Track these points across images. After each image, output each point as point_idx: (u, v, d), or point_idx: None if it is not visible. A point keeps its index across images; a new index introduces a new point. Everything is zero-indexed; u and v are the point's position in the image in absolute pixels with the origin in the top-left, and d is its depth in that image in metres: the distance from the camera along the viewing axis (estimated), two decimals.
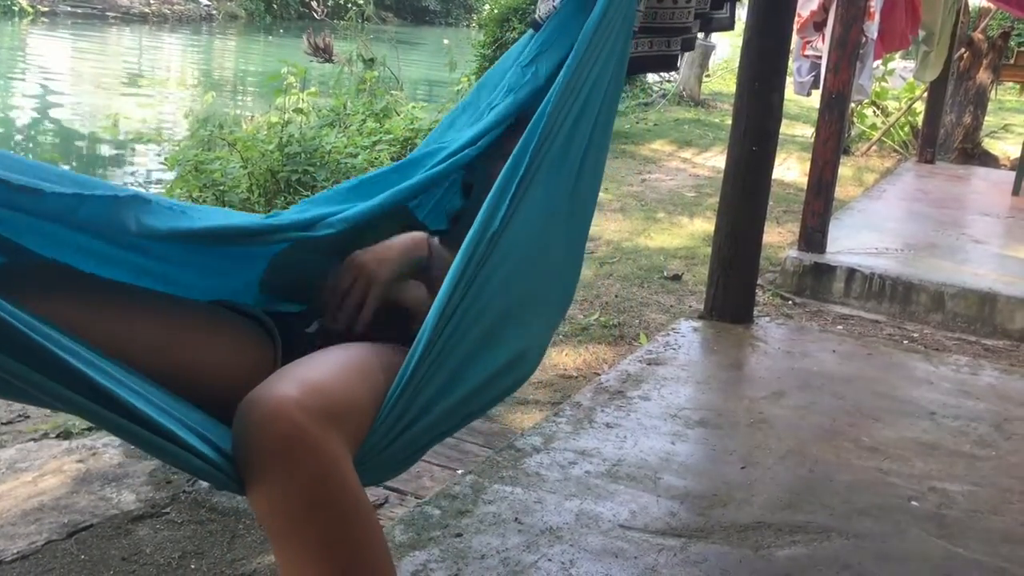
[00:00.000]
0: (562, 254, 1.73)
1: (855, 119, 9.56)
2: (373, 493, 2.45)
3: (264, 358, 1.52)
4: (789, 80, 5.03)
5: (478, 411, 1.68)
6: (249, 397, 1.24)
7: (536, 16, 1.94)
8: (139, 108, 11.93)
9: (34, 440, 2.70)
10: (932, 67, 7.33)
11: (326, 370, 1.35)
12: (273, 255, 1.71)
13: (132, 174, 9.34)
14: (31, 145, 10.36)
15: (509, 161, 1.53)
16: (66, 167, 9.23)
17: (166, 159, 7.67)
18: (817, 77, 5.32)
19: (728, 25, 2.69)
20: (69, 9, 25.30)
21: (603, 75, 1.69)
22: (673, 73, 13.84)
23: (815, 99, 5.11)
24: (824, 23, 5.23)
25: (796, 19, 5.46)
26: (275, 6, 30.81)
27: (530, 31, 1.93)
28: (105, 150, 10.03)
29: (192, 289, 1.62)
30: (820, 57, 5.20)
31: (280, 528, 1.25)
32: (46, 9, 24.62)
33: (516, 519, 2.34)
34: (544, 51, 1.86)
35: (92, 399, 1.12)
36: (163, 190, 7.19)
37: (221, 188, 6.52)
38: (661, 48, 2.44)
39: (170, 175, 7.48)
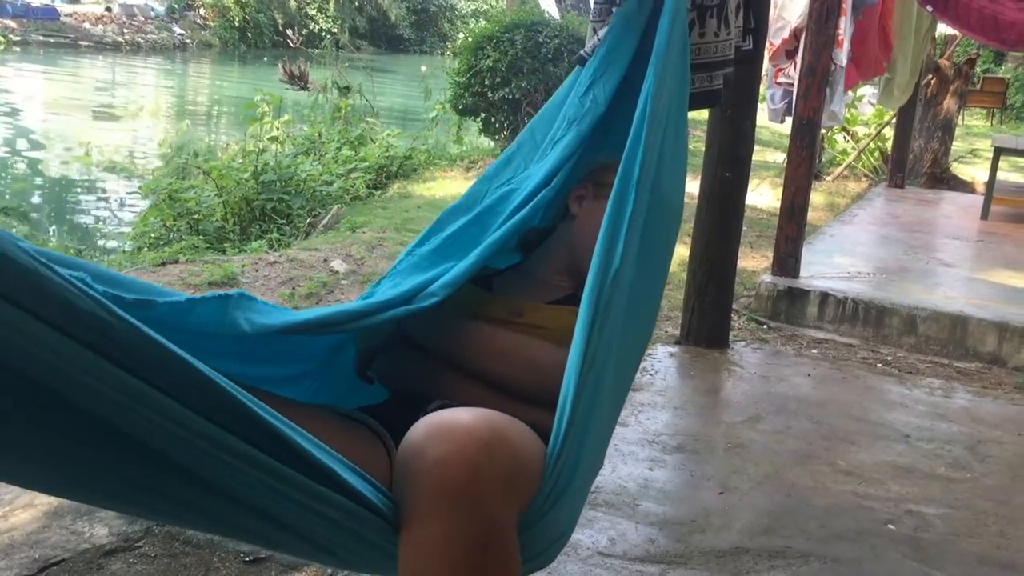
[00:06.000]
0: (655, 289, 1.73)
1: (826, 145, 9.67)
2: None
3: (380, 462, 1.41)
4: (762, 107, 5.08)
5: (601, 463, 1.65)
6: (429, 424, 1.16)
7: (582, 52, 1.97)
8: (113, 137, 11.87)
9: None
10: (901, 92, 7.44)
11: (507, 422, 1.25)
12: (358, 339, 1.70)
13: (105, 202, 9.27)
14: (2, 179, 10.27)
15: (612, 197, 1.51)
16: (37, 192, 9.16)
17: (140, 188, 7.64)
18: (790, 104, 5.37)
19: (752, 56, 2.68)
20: (41, 38, 25.22)
21: (672, 108, 1.70)
22: None
23: (787, 125, 5.17)
24: (796, 51, 5.29)
25: (768, 47, 5.52)
26: (249, 35, 30.89)
27: (577, 68, 1.95)
28: (78, 179, 9.96)
29: (289, 391, 1.60)
30: (792, 84, 5.26)
31: (422, 573, 1.15)
32: (17, 38, 24.52)
33: None
34: (597, 78, 1.87)
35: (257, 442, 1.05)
36: (137, 218, 7.15)
37: (196, 216, 6.49)
38: (704, 84, 2.44)
39: (144, 203, 7.45)
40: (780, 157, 9.50)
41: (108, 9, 29.11)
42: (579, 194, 1.87)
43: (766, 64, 5.36)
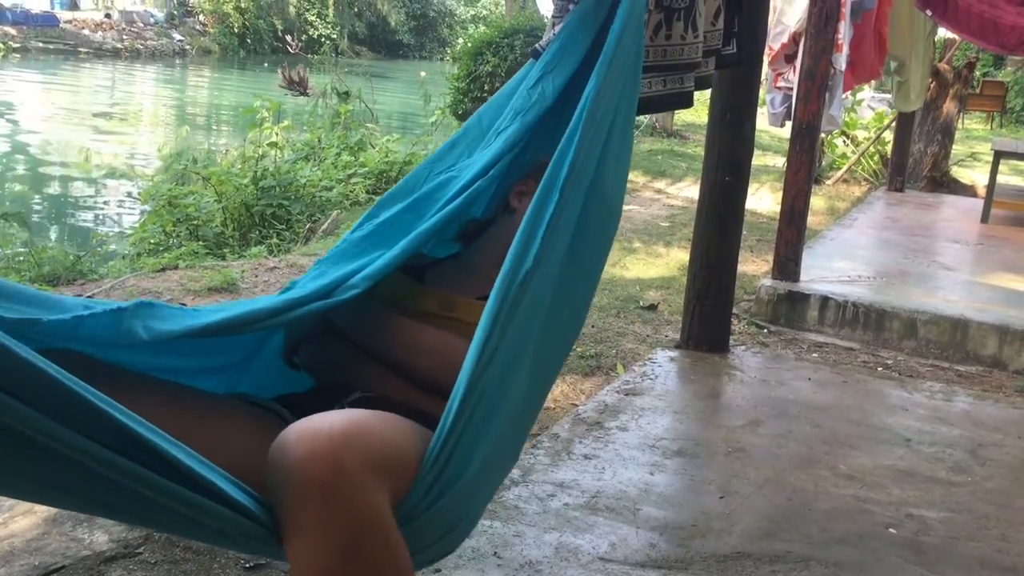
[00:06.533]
0: (582, 293, 1.72)
1: (826, 149, 9.67)
2: None
3: None
4: (762, 111, 5.09)
5: (511, 461, 1.65)
6: (292, 429, 1.17)
7: (537, 45, 1.96)
8: (112, 143, 11.88)
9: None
10: (917, 95, 7.47)
11: (369, 416, 1.29)
12: (288, 327, 1.69)
13: (104, 208, 9.28)
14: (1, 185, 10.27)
15: (535, 200, 1.50)
16: (37, 198, 9.17)
17: (139, 194, 7.64)
18: (790, 108, 5.38)
19: (737, 61, 2.70)
20: (41, 45, 25.26)
21: (619, 110, 1.69)
22: None
23: (787, 129, 5.18)
24: (795, 55, 5.30)
25: (768, 51, 5.52)
26: (249, 40, 30.93)
27: (531, 60, 1.94)
28: (77, 185, 9.97)
29: (205, 384, 1.60)
30: (792, 89, 5.26)
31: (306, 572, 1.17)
32: (17, 45, 24.56)
33: (495, 553, 2.32)
34: (548, 72, 1.86)
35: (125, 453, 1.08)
36: (136, 225, 7.15)
37: (195, 222, 6.49)
38: (675, 85, 2.46)
39: (144, 209, 7.44)
40: (780, 161, 9.51)
41: (108, 16, 29.17)
42: (520, 190, 1.85)
43: (765, 68, 5.36)
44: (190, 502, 1.13)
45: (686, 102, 2.52)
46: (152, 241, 6.44)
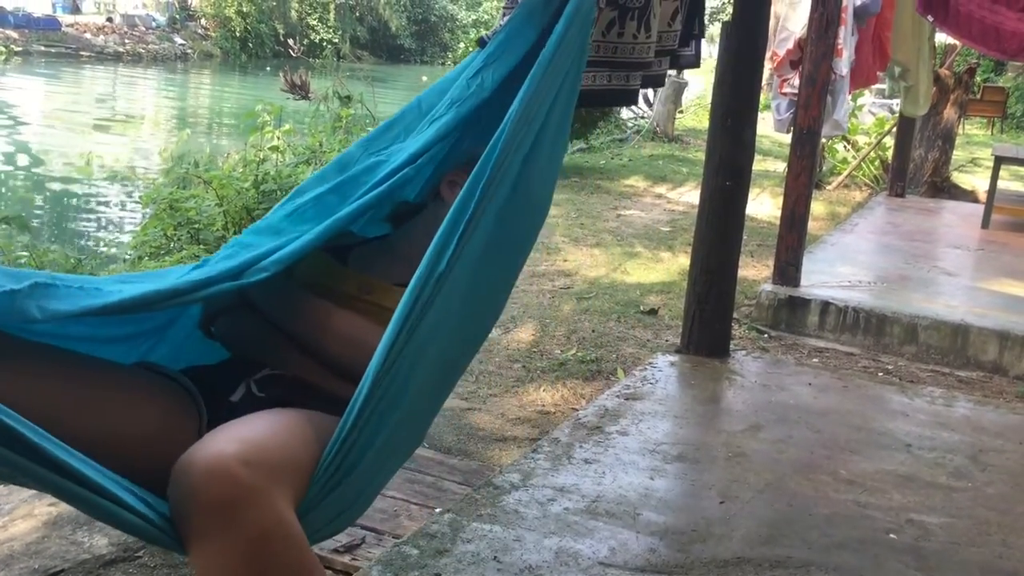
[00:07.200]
0: (497, 291, 1.73)
1: (826, 154, 9.68)
2: (349, 533, 2.42)
3: (188, 427, 1.47)
4: (763, 116, 5.09)
5: (411, 447, 1.67)
6: (186, 456, 1.21)
7: (484, 35, 1.94)
8: (114, 147, 11.88)
9: (3, 484, 2.65)
10: (925, 99, 7.49)
11: (262, 426, 1.33)
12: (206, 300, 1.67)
13: (105, 212, 9.28)
14: (3, 190, 10.28)
15: (458, 199, 1.50)
16: (39, 202, 9.17)
17: (141, 197, 7.63)
18: (796, 114, 5.40)
19: (694, 63, 2.74)
20: (43, 49, 25.30)
21: (555, 108, 1.68)
22: (647, 109, 14.00)
23: (788, 135, 5.18)
24: (801, 61, 5.31)
25: (773, 58, 5.53)
26: (251, 45, 30.96)
27: (477, 49, 1.92)
28: (79, 189, 9.97)
29: (115, 352, 1.58)
30: (797, 95, 5.27)
31: None
32: (19, 49, 24.59)
33: (495, 558, 2.32)
34: (489, 63, 1.83)
35: (38, 463, 1.11)
36: (137, 228, 7.15)
37: (196, 226, 6.49)
38: (620, 82, 2.47)
39: (145, 213, 7.44)
40: (780, 166, 9.52)
41: (109, 19, 29.21)
42: (452, 179, 1.84)
43: (767, 73, 5.37)
44: (98, 506, 1.16)
45: (629, 99, 2.54)
46: (153, 244, 6.44)
